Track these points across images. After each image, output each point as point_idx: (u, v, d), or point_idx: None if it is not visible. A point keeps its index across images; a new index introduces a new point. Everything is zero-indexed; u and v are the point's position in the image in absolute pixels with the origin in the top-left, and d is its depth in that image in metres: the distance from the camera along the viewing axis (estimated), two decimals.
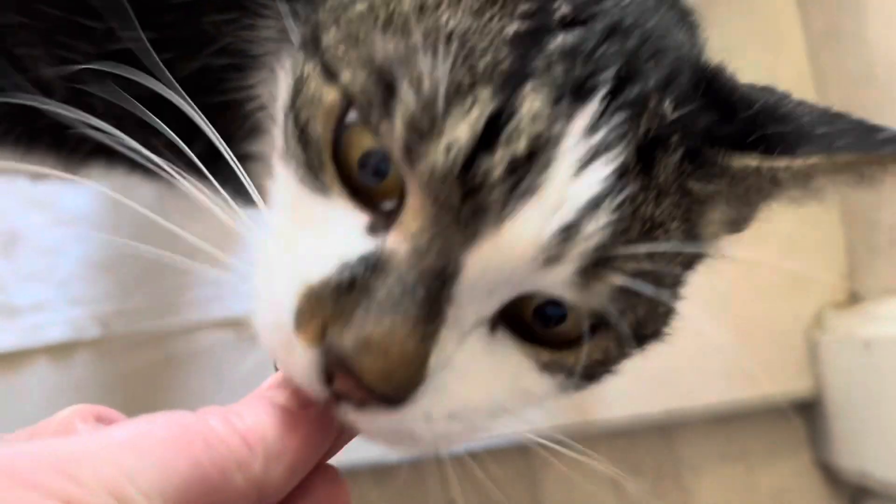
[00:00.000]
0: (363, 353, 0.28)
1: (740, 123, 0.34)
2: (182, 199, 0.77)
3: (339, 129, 0.31)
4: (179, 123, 0.50)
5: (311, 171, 0.32)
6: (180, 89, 0.42)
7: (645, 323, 0.34)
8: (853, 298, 0.81)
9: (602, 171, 0.29)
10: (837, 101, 0.84)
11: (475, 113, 0.28)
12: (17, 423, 0.61)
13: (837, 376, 0.79)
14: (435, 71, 0.28)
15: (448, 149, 0.28)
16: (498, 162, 0.28)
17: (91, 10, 0.43)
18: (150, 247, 0.80)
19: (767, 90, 0.36)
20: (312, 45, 0.34)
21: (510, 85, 0.28)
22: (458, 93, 0.28)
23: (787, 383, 0.82)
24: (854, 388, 0.77)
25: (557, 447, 0.40)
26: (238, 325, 0.80)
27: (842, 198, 0.79)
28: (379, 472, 0.81)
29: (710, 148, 0.33)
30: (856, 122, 0.35)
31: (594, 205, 0.29)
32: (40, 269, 0.80)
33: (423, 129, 0.28)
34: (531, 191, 0.28)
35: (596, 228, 0.29)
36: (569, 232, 0.28)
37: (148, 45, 0.42)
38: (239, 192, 0.49)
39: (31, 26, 0.44)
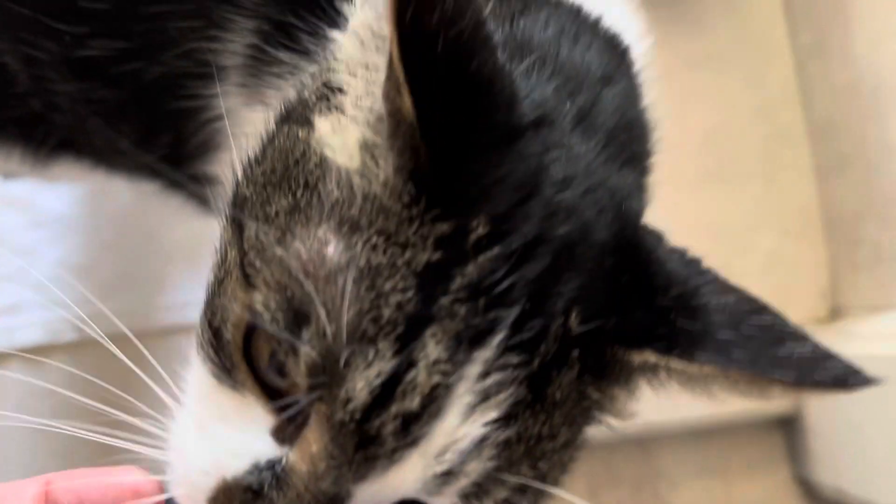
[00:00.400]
0: None
1: (653, 314, 0.33)
2: (156, 201, 0.77)
3: (250, 332, 0.32)
4: (143, 124, 0.50)
5: (225, 371, 0.33)
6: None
7: None
8: (834, 315, 0.80)
9: (489, 414, 0.30)
10: (823, 113, 0.82)
11: (374, 371, 0.29)
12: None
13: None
14: (340, 319, 0.29)
15: (345, 402, 0.29)
16: (391, 418, 0.29)
17: (62, 14, 0.43)
18: (126, 250, 0.80)
19: (693, 266, 0.36)
20: (236, 227, 0.34)
21: (412, 333, 0.29)
22: (361, 342, 0.29)
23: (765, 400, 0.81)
24: (833, 405, 0.76)
25: None
26: None
27: (824, 213, 0.78)
28: None
29: (612, 347, 0.33)
30: (766, 327, 0.34)
31: (478, 446, 0.30)
32: (15, 271, 0.80)
33: (324, 379, 0.29)
34: (418, 440, 0.30)
35: (477, 467, 0.31)
36: (449, 475, 0.30)
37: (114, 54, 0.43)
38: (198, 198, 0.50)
39: None
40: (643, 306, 0.33)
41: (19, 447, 0.82)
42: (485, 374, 0.30)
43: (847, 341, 0.74)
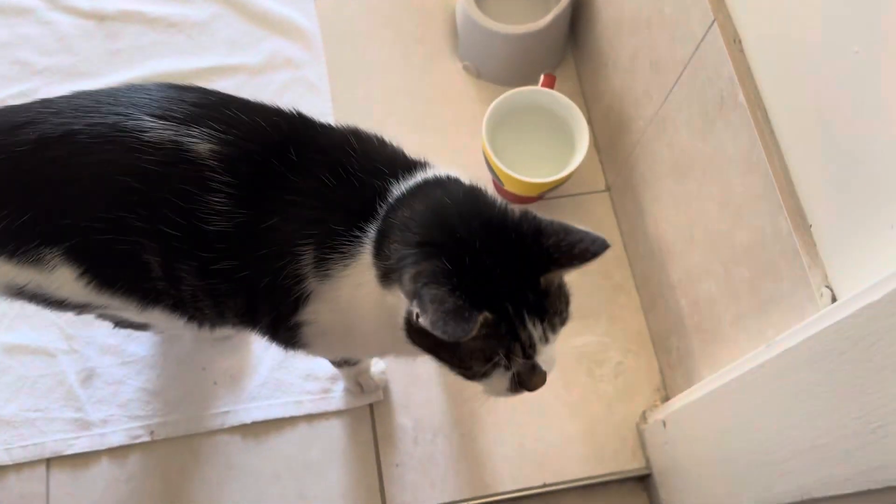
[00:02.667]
0: None
1: (546, 249, 0.70)
2: (208, 343, 1.16)
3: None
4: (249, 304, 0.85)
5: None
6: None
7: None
8: (665, 401, 1.18)
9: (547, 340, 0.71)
10: (639, 270, 1.25)
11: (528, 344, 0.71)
12: None
13: (654, 452, 1.14)
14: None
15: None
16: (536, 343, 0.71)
17: (202, 245, 0.76)
18: (185, 378, 1.18)
19: (529, 215, 0.72)
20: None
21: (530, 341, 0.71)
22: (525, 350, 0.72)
23: (626, 463, 1.17)
24: (664, 458, 1.12)
25: None
26: (243, 430, 1.15)
27: (651, 335, 1.17)
28: None
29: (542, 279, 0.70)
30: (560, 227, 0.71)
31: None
32: (108, 395, 1.16)
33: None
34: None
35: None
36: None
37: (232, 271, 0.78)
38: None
39: (160, 234, 0.77)
40: (538, 250, 0.69)
41: None
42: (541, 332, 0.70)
43: (664, 411, 1.10)
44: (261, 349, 1.20)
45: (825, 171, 0.75)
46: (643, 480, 1.19)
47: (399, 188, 0.76)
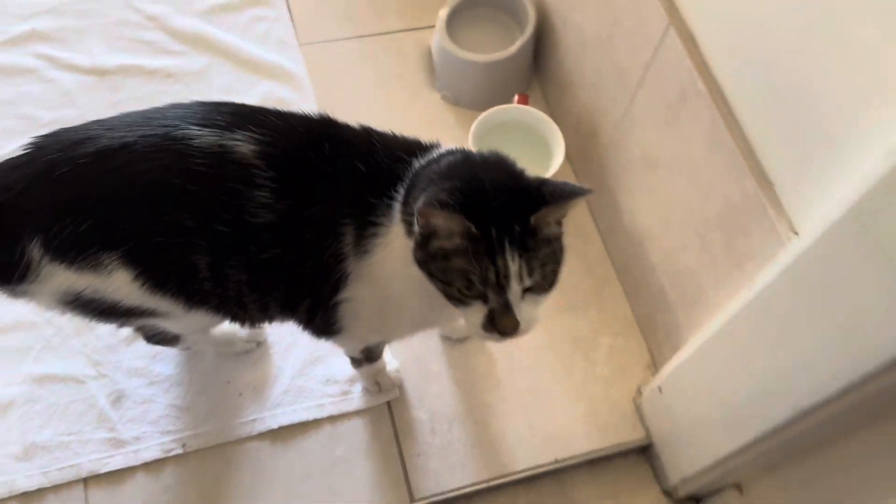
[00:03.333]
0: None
1: (543, 194, 0.79)
2: (230, 358, 1.24)
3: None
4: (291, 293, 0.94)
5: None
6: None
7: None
8: (655, 375, 1.29)
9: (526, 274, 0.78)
10: (620, 263, 1.39)
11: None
12: None
13: (653, 422, 1.25)
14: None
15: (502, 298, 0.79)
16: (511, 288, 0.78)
17: (249, 238, 0.86)
18: (211, 392, 1.25)
19: (508, 167, 0.84)
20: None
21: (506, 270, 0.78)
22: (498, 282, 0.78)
23: (628, 435, 1.27)
24: (662, 424, 1.22)
25: None
26: (270, 435, 1.22)
27: (636, 319, 1.30)
28: None
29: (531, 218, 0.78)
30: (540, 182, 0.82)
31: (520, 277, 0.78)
32: (138, 414, 1.22)
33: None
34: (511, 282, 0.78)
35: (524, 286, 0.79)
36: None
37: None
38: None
39: (211, 232, 0.86)
40: (537, 195, 0.78)
41: None
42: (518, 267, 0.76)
43: (657, 379, 1.22)
44: (280, 360, 1.28)
45: (780, 135, 0.90)
46: (645, 452, 1.30)
47: (420, 161, 0.87)
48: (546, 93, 1.55)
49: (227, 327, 1.24)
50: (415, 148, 0.90)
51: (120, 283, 0.89)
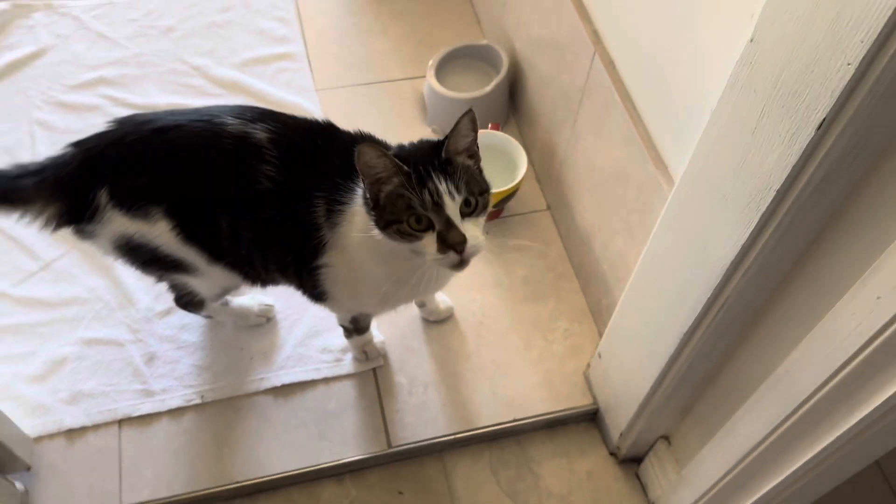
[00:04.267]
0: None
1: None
2: (245, 329, 1.51)
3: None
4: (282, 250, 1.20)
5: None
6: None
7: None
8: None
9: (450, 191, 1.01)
10: (576, 262, 1.63)
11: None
12: (153, 456, 1.30)
13: (598, 389, 1.46)
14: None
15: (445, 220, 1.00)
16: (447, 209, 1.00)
17: (258, 204, 1.14)
18: (229, 355, 1.52)
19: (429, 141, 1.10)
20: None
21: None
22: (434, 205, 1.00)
23: (578, 401, 1.48)
24: (604, 388, 1.43)
25: None
26: (274, 391, 1.46)
27: (589, 308, 1.53)
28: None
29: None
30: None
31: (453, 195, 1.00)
32: (166, 371, 1.47)
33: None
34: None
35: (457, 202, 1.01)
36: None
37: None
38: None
39: (229, 194, 1.13)
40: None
41: (159, 464, 1.40)
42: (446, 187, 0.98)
43: (602, 346, 1.43)
44: (286, 333, 1.53)
45: (671, 127, 1.16)
46: (594, 420, 1.50)
47: None
48: (519, 124, 1.84)
49: (244, 301, 1.50)
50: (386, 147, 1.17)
51: (160, 231, 1.15)
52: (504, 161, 1.67)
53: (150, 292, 1.56)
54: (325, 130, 1.18)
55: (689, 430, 1.30)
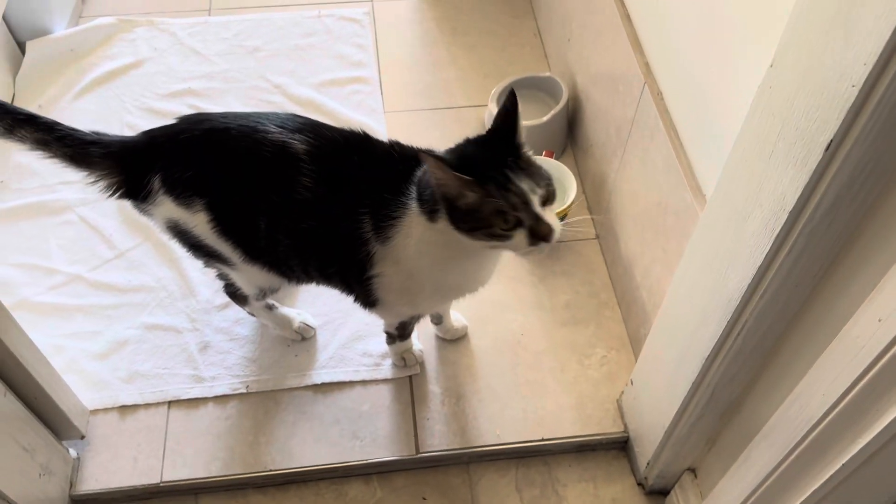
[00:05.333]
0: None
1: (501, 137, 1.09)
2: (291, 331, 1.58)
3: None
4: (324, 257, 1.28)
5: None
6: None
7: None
8: None
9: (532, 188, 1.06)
10: (620, 290, 1.65)
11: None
12: (196, 438, 1.39)
13: (629, 417, 1.46)
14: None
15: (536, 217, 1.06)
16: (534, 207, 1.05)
17: (296, 211, 1.21)
18: (277, 349, 1.60)
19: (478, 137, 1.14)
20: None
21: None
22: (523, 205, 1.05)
23: (608, 428, 1.48)
24: (635, 415, 1.43)
25: None
26: (314, 387, 1.52)
27: (629, 337, 1.55)
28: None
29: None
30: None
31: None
32: (218, 360, 1.57)
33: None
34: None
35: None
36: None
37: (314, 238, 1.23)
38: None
39: (268, 199, 1.20)
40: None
41: (200, 446, 1.48)
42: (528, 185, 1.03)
43: (634, 372, 1.44)
44: (330, 335, 1.60)
45: (710, 156, 1.18)
46: (624, 448, 1.50)
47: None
48: (575, 155, 1.89)
49: (289, 312, 1.58)
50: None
51: (199, 222, 1.23)
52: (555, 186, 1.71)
53: (211, 287, 1.66)
54: (361, 143, 1.22)
55: (714, 462, 1.29)
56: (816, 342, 0.91)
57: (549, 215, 1.06)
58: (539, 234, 1.05)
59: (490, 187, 1.03)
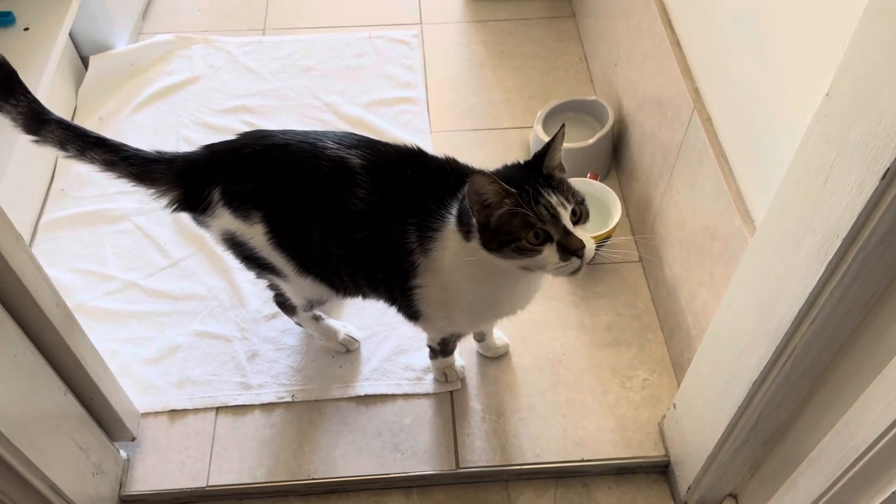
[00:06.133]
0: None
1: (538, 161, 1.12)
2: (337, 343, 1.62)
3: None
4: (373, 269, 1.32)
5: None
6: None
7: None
8: None
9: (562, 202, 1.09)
10: (662, 314, 1.65)
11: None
12: (242, 444, 1.43)
13: (671, 442, 1.46)
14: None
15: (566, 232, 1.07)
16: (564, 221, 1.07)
17: (348, 223, 1.25)
18: (322, 360, 1.62)
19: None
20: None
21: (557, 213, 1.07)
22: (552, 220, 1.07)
23: (649, 451, 1.48)
24: (677, 440, 1.43)
25: None
26: (357, 399, 1.55)
27: (671, 360, 1.56)
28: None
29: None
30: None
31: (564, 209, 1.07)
32: (265, 369, 1.60)
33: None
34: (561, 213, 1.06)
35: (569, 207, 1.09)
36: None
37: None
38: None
39: (323, 211, 1.24)
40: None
41: (246, 452, 1.51)
42: (557, 199, 1.05)
43: (677, 396, 1.44)
44: (374, 348, 1.63)
45: (760, 182, 1.19)
46: (664, 473, 1.50)
47: None
48: (620, 178, 1.90)
49: (334, 324, 1.61)
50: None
51: (256, 234, 1.27)
52: (599, 208, 1.72)
53: (261, 297, 1.70)
54: (415, 157, 1.26)
55: (757, 488, 1.28)
56: (867, 369, 0.91)
57: (580, 231, 1.07)
58: (569, 248, 1.06)
59: (522, 198, 1.05)
